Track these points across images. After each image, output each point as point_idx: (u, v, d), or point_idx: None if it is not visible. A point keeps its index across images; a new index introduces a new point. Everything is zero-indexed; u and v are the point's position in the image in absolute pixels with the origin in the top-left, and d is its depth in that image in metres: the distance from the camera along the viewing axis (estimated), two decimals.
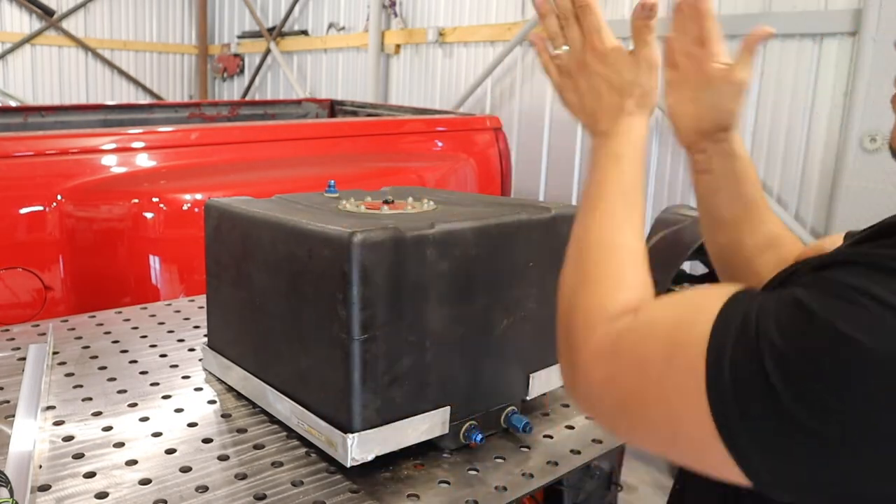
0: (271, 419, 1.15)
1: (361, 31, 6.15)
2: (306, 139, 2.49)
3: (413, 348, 0.98)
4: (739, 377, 0.53)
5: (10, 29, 7.03)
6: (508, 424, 1.13)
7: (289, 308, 1.06)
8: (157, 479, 0.97)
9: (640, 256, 0.75)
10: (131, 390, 1.25)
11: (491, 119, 2.88)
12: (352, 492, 0.97)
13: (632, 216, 0.77)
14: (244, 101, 4.19)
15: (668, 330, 0.61)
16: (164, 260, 2.02)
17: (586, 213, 0.78)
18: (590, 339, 0.67)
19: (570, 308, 0.73)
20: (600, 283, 0.72)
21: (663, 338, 0.61)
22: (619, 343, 0.65)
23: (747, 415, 0.53)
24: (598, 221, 0.77)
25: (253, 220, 1.13)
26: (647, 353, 0.62)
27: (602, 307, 0.69)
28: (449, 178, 2.66)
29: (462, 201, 1.29)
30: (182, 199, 2.04)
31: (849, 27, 3.28)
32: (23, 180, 1.93)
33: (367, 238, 0.93)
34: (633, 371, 0.63)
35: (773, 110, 3.62)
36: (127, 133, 2.16)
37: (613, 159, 0.81)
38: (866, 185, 3.21)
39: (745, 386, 0.53)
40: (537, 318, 1.14)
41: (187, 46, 8.28)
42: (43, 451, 1.03)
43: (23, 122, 3.22)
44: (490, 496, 0.98)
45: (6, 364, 1.34)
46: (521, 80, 4.90)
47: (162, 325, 1.58)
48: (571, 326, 0.71)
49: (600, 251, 0.75)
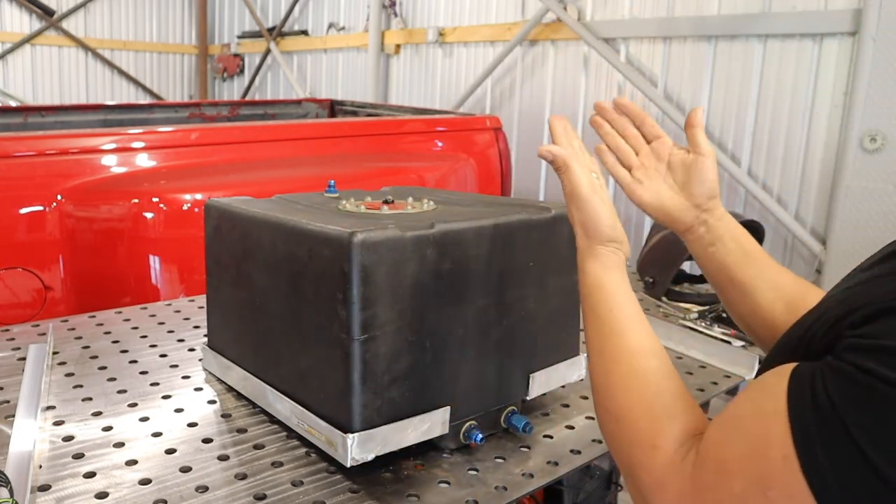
0: (271, 419, 1.15)
1: (361, 31, 6.15)
2: (306, 139, 2.49)
3: (413, 348, 0.98)
4: (845, 479, 0.54)
5: (10, 29, 7.03)
6: (508, 424, 1.13)
7: (289, 308, 1.06)
8: (157, 479, 0.97)
9: (654, 373, 0.76)
10: (131, 390, 1.25)
11: (491, 119, 2.88)
12: (352, 492, 0.97)
13: (630, 339, 0.79)
14: (244, 101, 4.19)
15: (744, 462, 0.60)
16: (164, 260, 2.02)
17: (593, 350, 0.82)
18: (666, 489, 0.67)
19: (623, 458, 0.73)
20: (634, 423, 0.73)
21: (744, 472, 0.60)
22: (699, 492, 0.64)
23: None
24: (604, 356, 0.80)
25: (253, 220, 1.13)
26: (735, 495, 0.60)
27: (655, 449, 0.69)
28: (449, 178, 2.66)
29: (462, 201, 1.29)
30: (182, 199, 2.03)
31: (849, 27, 3.28)
32: (23, 180, 1.92)
33: (367, 238, 0.93)
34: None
35: (773, 110, 3.62)
36: (127, 133, 2.16)
37: (593, 294, 0.85)
38: (866, 185, 3.21)
39: (851, 481, 0.53)
40: (537, 318, 1.14)
41: (187, 46, 8.28)
42: (43, 451, 1.03)
43: (23, 122, 3.22)
44: (490, 496, 0.98)
45: (6, 364, 1.34)
46: (521, 80, 4.90)
47: (162, 325, 1.58)
48: (634, 475, 0.71)
49: (622, 390, 0.76)
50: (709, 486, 0.63)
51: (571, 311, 1.20)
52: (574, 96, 4.58)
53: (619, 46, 4.29)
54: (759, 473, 0.58)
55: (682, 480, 0.65)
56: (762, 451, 0.58)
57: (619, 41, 4.28)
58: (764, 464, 0.58)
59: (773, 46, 3.61)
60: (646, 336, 0.80)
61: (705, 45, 3.89)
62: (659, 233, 2.05)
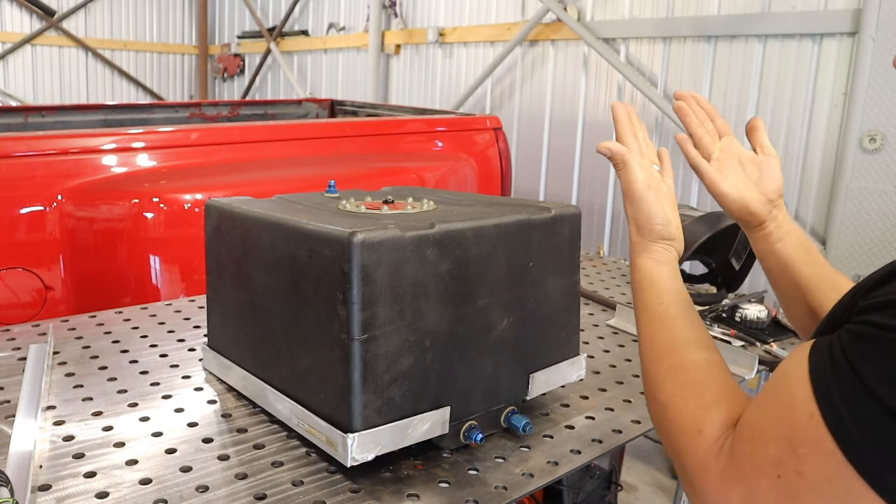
0: (271, 419, 1.15)
1: (361, 32, 6.15)
2: (306, 139, 2.49)
3: (413, 348, 0.98)
4: (866, 427, 0.56)
5: (10, 29, 7.03)
6: (508, 424, 1.13)
7: (289, 308, 1.06)
8: (157, 478, 0.97)
9: (705, 365, 0.78)
10: (131, 390, 1.25)
11: (491, 119, 2.88)
12: (352, 492, 0.97)
13: (684, 333, 0.82)
14: (244, 101, 4.18)
15: (775, 426, 0.63)
16: (164, 260, 2.02)
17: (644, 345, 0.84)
18: (707, 468, 0.69)
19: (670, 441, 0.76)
20: (681, 408, 0.75)
21: (776, 436, 0.63)
22: (738, 464, 0.66)
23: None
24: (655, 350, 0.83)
25: (253, 220, 1.13)
26: (770, 458, 0.63)
27: (700, 433, 0.72)
28: (449, 178, 2.66)
29: (462, 201, 1.29)
30: (182, 199, 2.03)
31: (848, 27, 3.28)
32: (23, 180, 1.92)
33: (367, 238, 0.93)
34: (766, 482, 0.64)
35: (772, 110, 3.62)
36: (127, 133, 2.16)
37: (647, 289, 0.88)
38: (866, 185, 3.21)
39: (872, 427, 0.56)
40: (537, 318, 1.14)
41: (187, 46, 8.28)
42: (43, 451, 1.03)
43: (23, 122, 3.22)
44: (490, 496, 0.98)
45: (6, 364, 1.34)
46: (521, 80, 4.90)
47: (162, 325, 1.59)
48: (681, 461, 0.73)
49: (670, 378, 0.79)
50: (746, 456, 0.66)
51: (571, 311, 1.21)
52: (574, 96, 4.59)
53: (618, 46, 4.29)
54: (788, 435, 0.62)
55: (723, 459, 0.68)
56: (789, 414, 0.62)
57: (619, 41, 4.28)
58: (792, 425, 0.61)
59: (772, 46, 3.61)
60: (695, 328, 0.83)
61: (705, 45, 3.89)
62: None
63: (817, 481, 0.59)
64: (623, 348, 1.58)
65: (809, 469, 0.60)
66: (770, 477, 0.63)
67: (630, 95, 4.28)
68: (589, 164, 4.52)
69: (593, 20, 4.38)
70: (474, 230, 1.04)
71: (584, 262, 2.33)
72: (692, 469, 0.71)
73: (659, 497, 3.09)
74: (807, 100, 3.49)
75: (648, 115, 4.17)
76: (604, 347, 1.58)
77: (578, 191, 4.61)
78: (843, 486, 0.57)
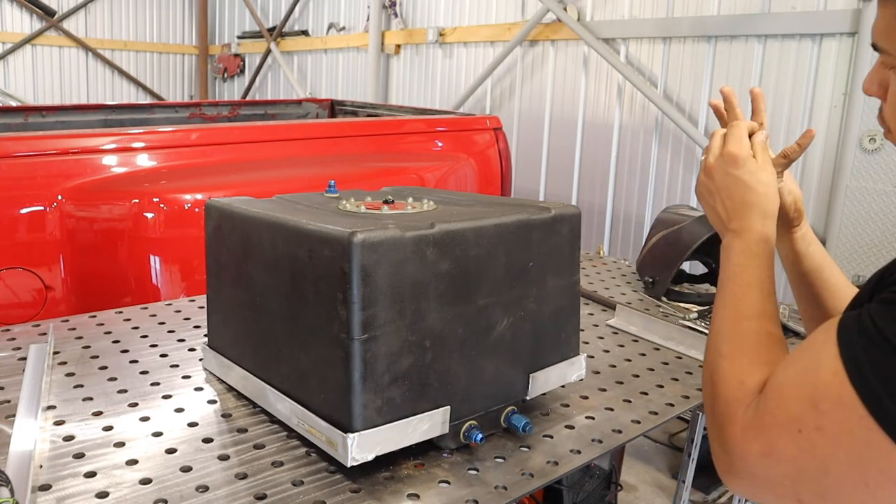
0: (271, 419, 1.15)
1: (361, 32, 6.15)
2: (306, 139, 2.49)
3: (413, 348, 0.99)
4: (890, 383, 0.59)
5: (10, 29, 7.04)
6: (508, 424, 1.13)
7: (289, 308, 1.06)
8: (157, 478, 0.97)
9: (777, 339, 0.82)
10: (132, 390, 1.25)
11: (491, 119, 2.88)
12: (352, 491, 0.97)
13: (768, 305, 0.85)
14: (244, 102, 4.18)
15: (799, 385, 0.66)
16: (164, 260, 2.02)
17: (727, 303, 0.87)
18: (734, 417, 0.73)
19: (713, 387, 0.80)
20: (736, 360, 0.79)
21: (797, 393, 0.66)
22: (761, 416, 0.70)
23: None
24: (738, 310, 0.85)
25: (253, 220, 1.13)
26: (792, 414, 0.66)
27: (741, 384, 0.76)
28: (449, 178, 2.66)
29: (462, 201, 1.29)
30: (182, 199, 2.04)
31: (848, 27, 3.29)
32: (23, 180, 1.92)
33: (367, 238, 0.93)
34: (787, 436, 0.66)
35: (772, 110, 3.62)
36: (127, 133, 2.16)
37: (748, 255, 0.90)
38: (866, 185, 3.21)
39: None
40: (537, 318, 1.14)
41: (188, 47, 8.28)
42: (43, 451, 1.03)
43: (23, 122, 3.22)
44: (490, 496, 0.98)
45: (7, 364, 1.34)
46: (521, 80, 4.91)
47: (162, 325, 1.59)
48: (715, 406, 0.77)
49: (740, 335, 0.83)
50: (769, 410, 0.69)
51: (571, 311, 1.21)
52: (574, 96, 4.59)
53: (618, 47, 4.29)
54: (811, 393, 0.65)
55: (750, 412, 0.71)
56: (814, 373, 0.65)
57: (619, 41, 4.28)
58: (815, 383, 0.65)
59: (772, 47, 3.61)
60: (776, 307, 0.87)
61: (705, 45, 3.89)
62: (659, 233, 2.05)
63: (837, 434, 0.62)
64: (623, 348, 1.58)
65: (830, 423, 0.62)
66: (791, 431, 0.66)
67: (630, 95, 4.28)
68: (589, 164, 4.52)
69: (593, 20, 4.38)
70: (474, 230, 1.04)
71: (584, 262, 2.33)
72: (721, 416, 0.75)
73: (659, 497, 3.09)
74: (807, 100, 3.49)
75: (648, 116, 4.17)
76: (604, 347, 1.58)
77: (578, 191, 4.61)
78: (863, 439, 0.60)
